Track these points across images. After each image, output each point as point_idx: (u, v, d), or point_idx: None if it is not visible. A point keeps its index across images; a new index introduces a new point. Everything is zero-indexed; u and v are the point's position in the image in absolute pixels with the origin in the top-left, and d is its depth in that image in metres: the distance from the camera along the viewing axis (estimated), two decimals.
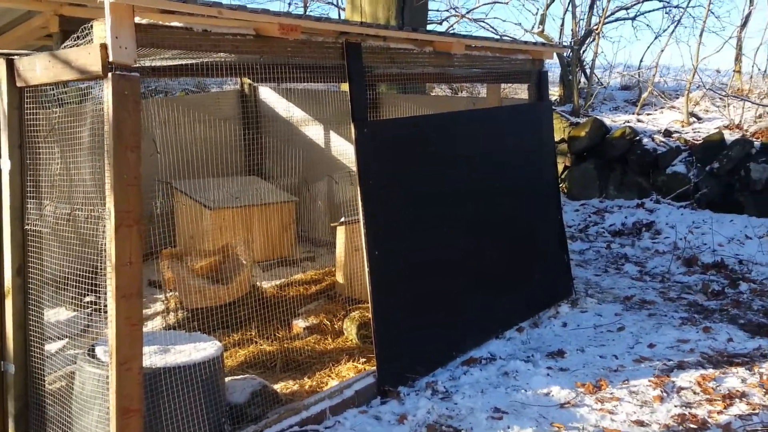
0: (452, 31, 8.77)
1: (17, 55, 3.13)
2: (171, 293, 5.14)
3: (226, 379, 3.51)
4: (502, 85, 10.44)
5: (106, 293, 2.83)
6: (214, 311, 4.74)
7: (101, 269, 2.80)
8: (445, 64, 4.52)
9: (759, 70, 12.81)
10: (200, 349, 3.26)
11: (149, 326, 5.12)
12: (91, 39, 2.68)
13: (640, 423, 3.56)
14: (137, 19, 2.70)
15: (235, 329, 4.87)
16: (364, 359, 4.34)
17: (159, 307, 5.38)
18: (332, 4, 15.38)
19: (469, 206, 4.76)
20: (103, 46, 2.59)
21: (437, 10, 14.51)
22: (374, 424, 3.57)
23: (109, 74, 2.59)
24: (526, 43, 5.37)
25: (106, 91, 2.62)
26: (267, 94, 7.99)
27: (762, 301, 5.60)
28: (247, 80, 7.94)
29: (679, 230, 7.86)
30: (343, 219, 5.57)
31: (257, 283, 5.61)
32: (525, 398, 3.84)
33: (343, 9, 13.66)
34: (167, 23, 2.88)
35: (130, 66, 2.64)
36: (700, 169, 8.94)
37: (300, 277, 6.17)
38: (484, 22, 13.16)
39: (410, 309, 4.21)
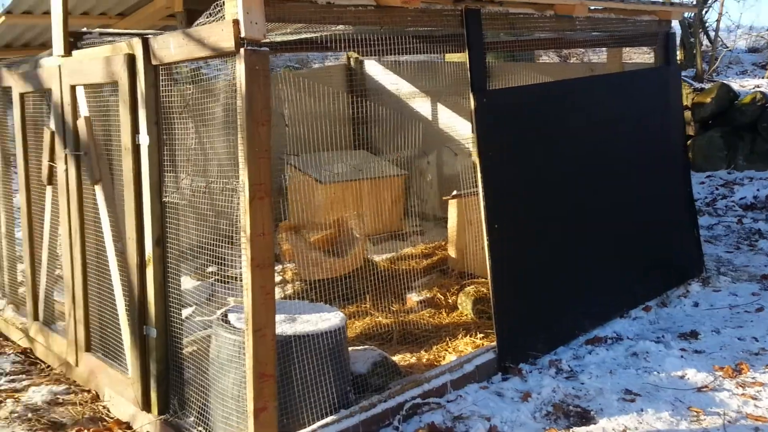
0: None
1: (151, 34, 3.26)
2: (288, 265, 5.29)
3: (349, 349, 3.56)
4: None
5: (234, 263, 2.93)
6: (329, 283, 4.83)
7: (235, 240, 2.89)
8: (566, 28, 4.30)
9: None
10: (325, 319, 3.32)
11: None
12: (223, 15, 2.73)
13: None
14: None
15: (350, 301, 4.95)
16: (482, 335, 4.28)
17: (276, 278, 5.55)
18: None
19: (592, 177, 4.55)
20: (235, 22, 2.63)
21: None
22: (497, 400, 3.51)
23: (241, 50, 2.63)
24: (653, 2, 5.01)
25: (238, 66, 2.66)
26: (373, 67, 7.99)
27: None
28: (353, 54, 7.97)
29: None
30: (455, 192, 5.49)
31: (370, 256, 5.66)
32: (658, 380, 3.64)
33: None
34: None
35: (260, 41, 2.68)
36: None
37: (410, 251, 6.17)
38: None
39: (531, 284, 4.09)
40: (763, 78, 10.71)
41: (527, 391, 3.57)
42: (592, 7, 4.48)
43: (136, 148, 3.26)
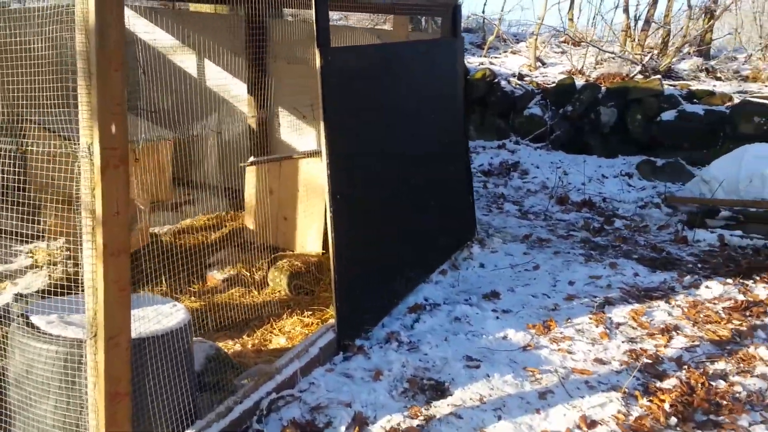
0: None
1: None
2: (57, 243, 4.29)
3: None
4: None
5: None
6: None
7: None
8: None
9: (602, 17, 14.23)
10: (165, 313, 2.72)
11: (22, 285, 4.28)
12: None
13: (600, 361, 3.69)
14: None
15: (141, 284, 4.21)
16: (308, 312, 4.01)
17: (26, 261, 4.52)
18: None
19: (405, 146, 4.53)
20: None
21: None
22: (349, 383, 3.30)
23: None
24: None
25: None
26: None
27: (641, 236, 6.13)
28: None
29: (543, 170, 8.32)
30: (253, 158, 5.03)
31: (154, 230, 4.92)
32: (488, 344, 3.80)
33: None
34: None
35: None
36: (554, 112, 9.50)
37: (189, 223, 5.55)
38: None
39: (363, 257, 3.93)
40: (480, 57, 12.02)
41: (377, 369, 3.44)
42: None
43: None
